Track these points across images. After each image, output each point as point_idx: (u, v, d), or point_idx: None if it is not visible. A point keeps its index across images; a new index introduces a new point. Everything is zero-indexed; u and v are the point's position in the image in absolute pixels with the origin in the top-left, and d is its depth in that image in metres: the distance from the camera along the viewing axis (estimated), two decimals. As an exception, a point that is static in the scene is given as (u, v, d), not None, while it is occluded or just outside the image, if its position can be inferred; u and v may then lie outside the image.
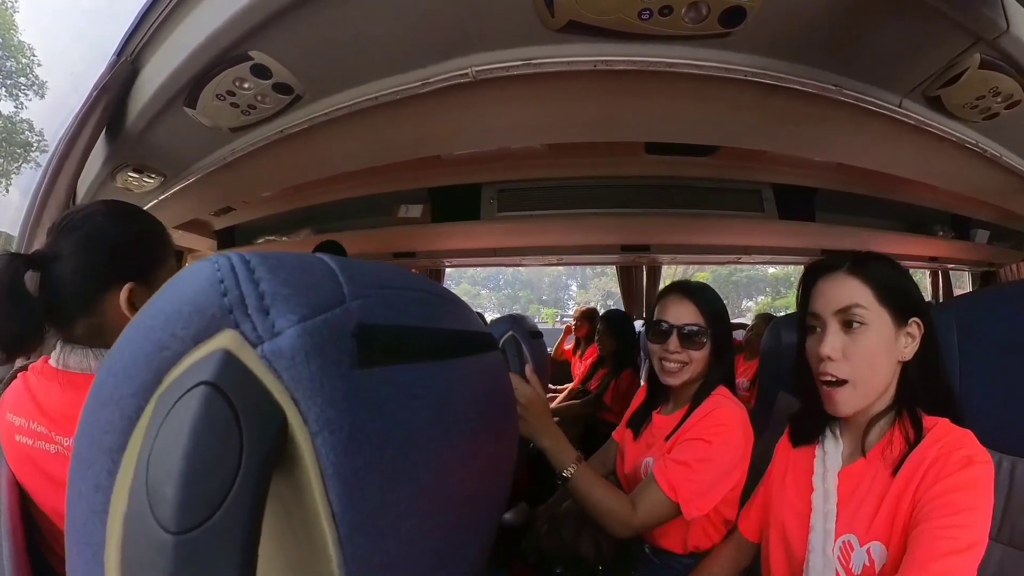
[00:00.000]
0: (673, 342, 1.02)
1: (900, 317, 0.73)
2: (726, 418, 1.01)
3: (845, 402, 0.73)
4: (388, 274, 0.28)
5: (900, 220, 2.75)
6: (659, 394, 1.16)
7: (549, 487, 1.58)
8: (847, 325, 0.72)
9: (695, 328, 1.02)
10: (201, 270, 0.20)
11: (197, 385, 0.17)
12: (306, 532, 0.20)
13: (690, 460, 0.96)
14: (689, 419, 1.04)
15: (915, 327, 0.73)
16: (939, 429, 0.72)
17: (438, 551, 0.31)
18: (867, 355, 0.72)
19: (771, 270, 21.97)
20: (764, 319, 2.69)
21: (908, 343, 0.73)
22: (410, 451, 0.26)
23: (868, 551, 0.71)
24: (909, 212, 2.70)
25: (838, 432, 0.81)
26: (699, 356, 1.03)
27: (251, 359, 0.18)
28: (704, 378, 1.06)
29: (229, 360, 0.18)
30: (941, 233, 2.87)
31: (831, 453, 0.80)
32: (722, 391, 1.06)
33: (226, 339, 0.18)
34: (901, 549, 0.68)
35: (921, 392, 0.74)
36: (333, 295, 0.22)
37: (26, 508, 0.75)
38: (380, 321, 0.24)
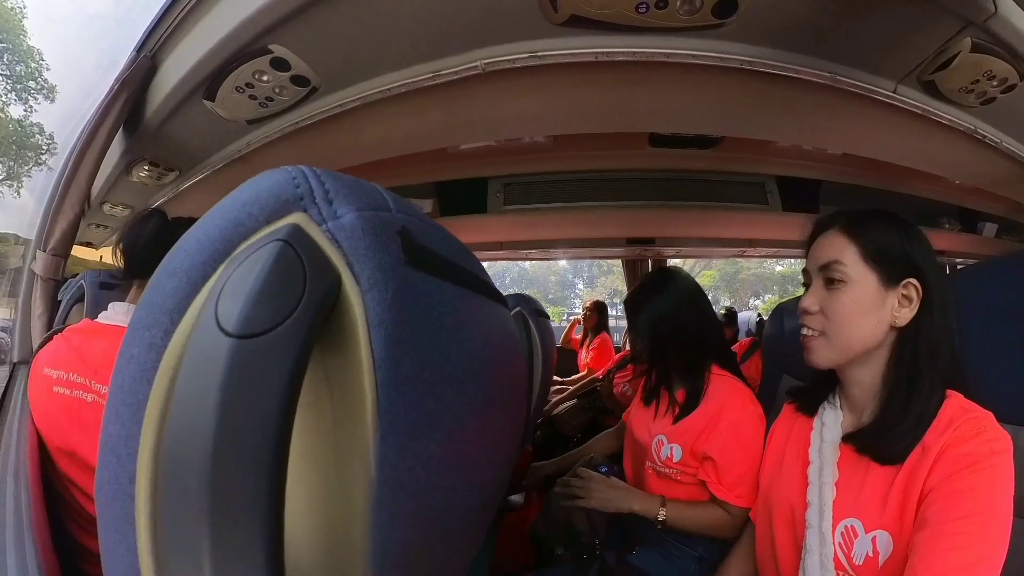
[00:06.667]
0: None
1: (890, 277, 0.69)
2: (742, 402, 1.08)
3: (816, 350, 0.72)
4: (420, 210, 0.32)
5: (905, 212, 2.69)
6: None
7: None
8: (829, 282, 0.71)
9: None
10: (276, 171, 0.24)
11: (272, 241, 0.21)
12: (343, 393, 0.23)
13: (737, 464, 1.03)
14: (700, 407, 1.10)
15: (912, 290, 0.68)
16: (951, 407, 0.66)
17: (459, 453, 0.34)
18: (843, 313, 0.69)
19: (778, 268, 21.84)
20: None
21: (902, 307, 0.69)
22: (445, 341, 0.29)
23: (873, 540, 0.65)
24: (915, 204, 2.68)
25: (839, 404, 0.77)
26: (640, 325, 1.16)
27: (316, 233, 0.22)
28: (665, 350, 1.15)
29: (298, 229, 0.22)
30: (948, 226, 2.85)
31: (829, 425, 0.76)
32: (716, 370, 1.12)
33: (296, 218, 0.22)
34: (908, 545, 0.62)
35: (916, 363, 0.68)
36: (382, 204, 0.26)
37: (48, 477, 0.79)
38: (419, 237, 0.28)
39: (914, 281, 0.69)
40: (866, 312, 0.69)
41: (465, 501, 0.38)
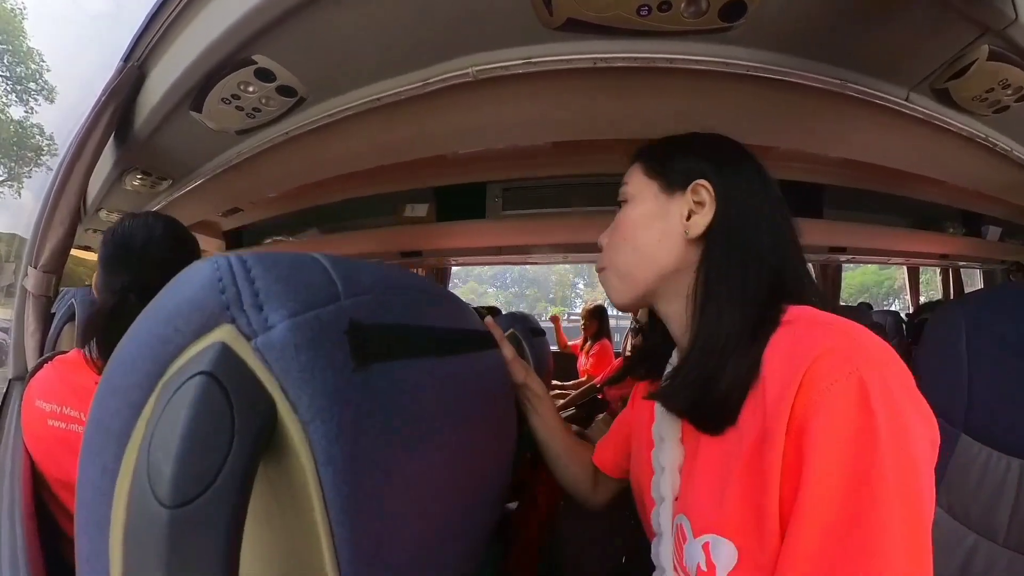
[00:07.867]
0: None
1: (672, 183, 0.58)
2: None
3: (609, 287, 0.63)
4: (382, 274, 0.29)
5: (909, 216, 2.71)
6: None
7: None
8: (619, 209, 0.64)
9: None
10: (201, 270, 0.21)
11: (196, 375, 0.19)
12: (296, 516, 0.21)
13: None
14: None
15: (703, 192, 0.56)
16: (793, 330, 0.45)
17: (432, 537, 0.32)
18: (623, 231, 0.61)
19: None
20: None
21: (695, 213, 0.56)
22: (406, 444, 0.27)
23: (705, 547, 0.44)
24: (919, 208, 2.66)
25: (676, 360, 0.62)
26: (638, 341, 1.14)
27: (245, 351, 0.20)
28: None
29: (225, 352, 0.19)
30: (952, 230, 2.83)
31: None
32: None
33: (223, 333, 0.20)
34: (769, 553, 0.40)
35: (722, 273, 0.53)
36: (326, 293, 0.23)
37: (40, 498, 0.79)
38: (374, 320, 0.24)
39: (703, 182, 0.56)
40: (647, 225, 0.59)
41: (444, 559, 0.37)
